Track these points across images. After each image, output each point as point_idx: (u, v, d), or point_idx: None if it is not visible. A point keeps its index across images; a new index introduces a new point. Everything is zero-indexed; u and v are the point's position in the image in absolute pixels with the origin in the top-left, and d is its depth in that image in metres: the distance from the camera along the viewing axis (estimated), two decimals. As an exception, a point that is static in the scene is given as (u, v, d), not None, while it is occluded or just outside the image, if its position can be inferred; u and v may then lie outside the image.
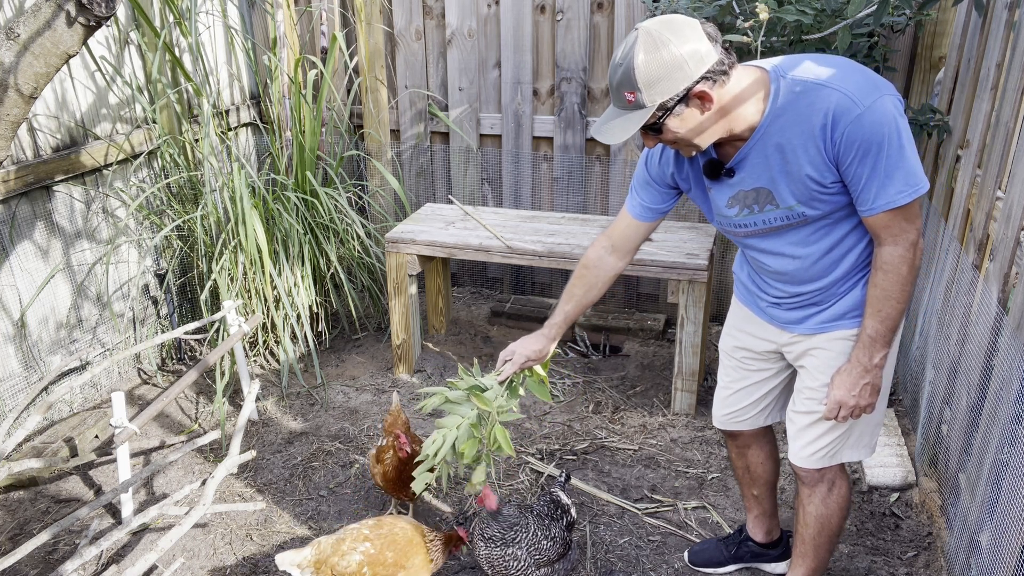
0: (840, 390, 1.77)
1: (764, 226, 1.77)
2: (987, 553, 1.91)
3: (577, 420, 3.16)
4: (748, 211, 1.76)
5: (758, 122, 1.64)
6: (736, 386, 2.13)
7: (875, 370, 1.74)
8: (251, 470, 2.90)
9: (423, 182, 4.20)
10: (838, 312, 1.82)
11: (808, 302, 1.84)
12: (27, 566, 2.45)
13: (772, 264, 1.83)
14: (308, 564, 2.02)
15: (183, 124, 3.48)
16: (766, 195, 1.71)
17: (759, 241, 1.82)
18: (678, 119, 1.60)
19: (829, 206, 1.67)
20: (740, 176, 1.73)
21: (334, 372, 3.58)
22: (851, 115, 1.54)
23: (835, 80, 1.57)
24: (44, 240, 3.06)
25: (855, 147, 1.55)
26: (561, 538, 2.15)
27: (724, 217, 1.82)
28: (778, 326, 1.94)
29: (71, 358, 3.18)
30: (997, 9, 2.32)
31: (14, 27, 1.96)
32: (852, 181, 1.61)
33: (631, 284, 3.98)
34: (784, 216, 1.72)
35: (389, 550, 2.07)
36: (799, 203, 1.68)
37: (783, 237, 1.77)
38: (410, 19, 3.89)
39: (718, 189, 1.79)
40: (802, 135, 1.60)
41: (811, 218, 1.70)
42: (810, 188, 1.64)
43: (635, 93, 1.57)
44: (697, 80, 1.56)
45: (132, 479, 2.43)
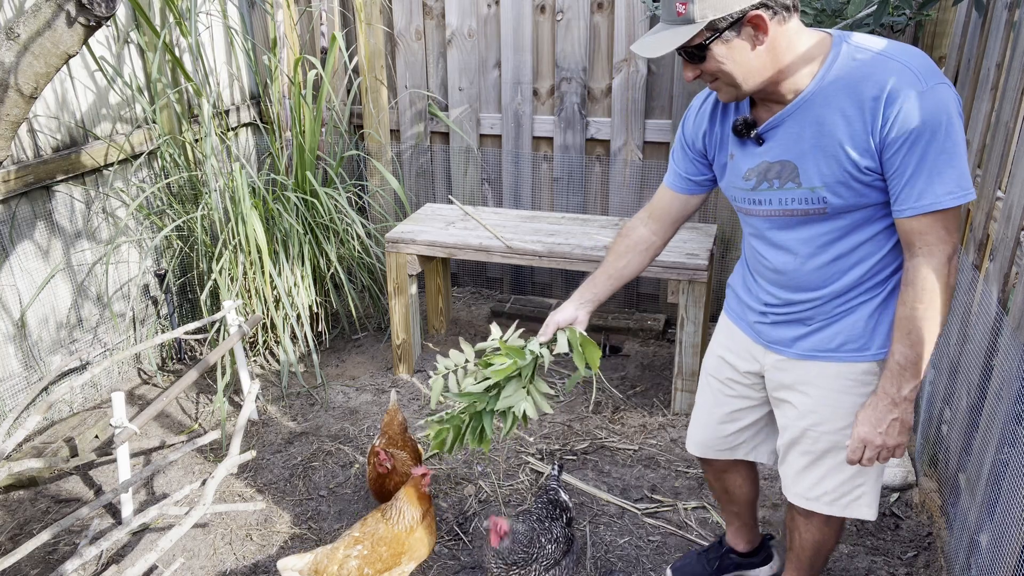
0: (865, 426, 1.56)
1: (780, 207, 1.60)
2: (987, 553, 1.91)
3: (577, 420, 3.17)
4: (768, 185, 1.59)
5: (805, 86, 1.48)
6: (716, 412, 1.97)
7: (904, 404, 1.53)
8: (251, 470, 2.90)
9: (423, 182, 4.20)
10: (832, 340, 1.66)
11: (798, 317, 1.69)
12: (27, 566, 2.45)
13: (772, 259, 1.68)
14: (308, 571, 2.03)
15: (183, 124, 3.48)
16: (791, 170, 1.54)
17: (769, 227, 1.65)
18: (726, 46, 1.43)
19: (855, 198, 1.50)
20: (768, 145, 1.57)
21: (334, 372, 3.58)
22: (912, 91, 1.38)
23: (900, 54, 1.42)
24: (44, 240, 3.06)
25: (909, 130, 1.39)
26: (564, 537, 2.15)
27: (740, 190, 1.66)
28: (764, 344, 1.79)
29: (71, 358, 3.19)
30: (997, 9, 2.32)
31: (14, 27, 1.96)
32: (896, 172, 1.43)
33: (631, 284, 3.98)
34: (803, 198, 1.55)
35: (381, 545, 2.09)
36: (824, 186, 1.51)
37: (794, 230, 1.61)
38: (410, 19, 3.89)
39: (742, 154, 1.62)
40: (851, 105, 1.43)
41: (831, 209, 1.53)
42: (843, 169, 1.47)
43: (687, 4, 1.41)
44: (756, 4, 1.40)
45: (132, 479, 2.43)
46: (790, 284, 1.68)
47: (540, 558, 2.08)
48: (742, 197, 1.67)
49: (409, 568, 2.15)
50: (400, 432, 2.56)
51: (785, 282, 1.68)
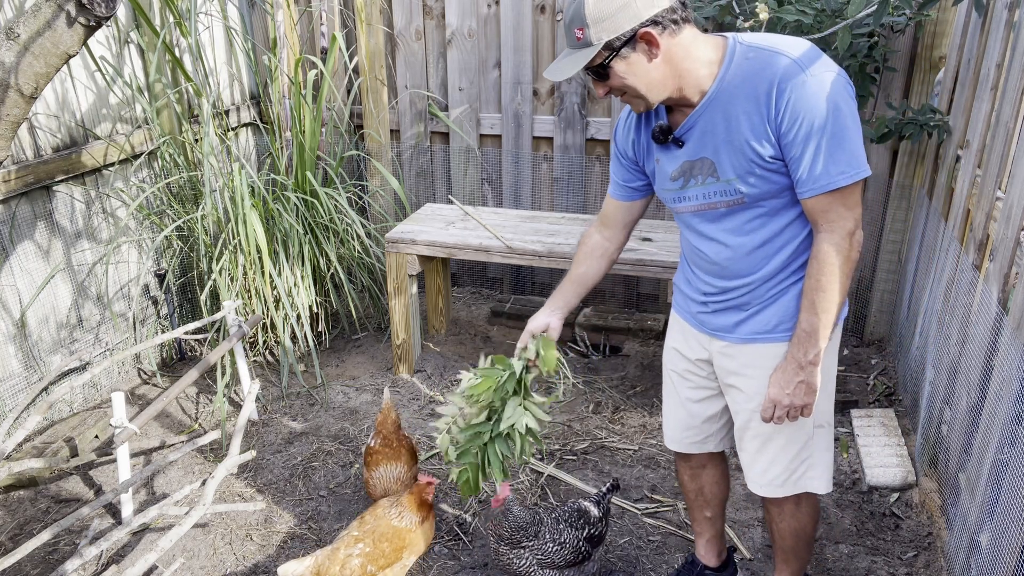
0: (774, 388, 1.71)
1: (704, 200, 1.71)
2: (987, 553, 1.91)
3: (577, 420, 3.16)
4: (693, 182, 1.70)
5: (709, 87, 1.60)
6: (681, 406, 2.04)
7: (809, 367, 1.66)
8: (251, 470, 2.90)
9: (423, 182, 4.20)
10: (769, 322, 1.76)
11: (734, 303, 1.78)
12: (28, 566, 2.45)
13: (706, 251, 1.78)
14: (309, 575, 2.03)
15: (183, 124, 3.48)
16: (709, 166, 1.66)
17: (699, 221, 1.76)
18: (624, 62, 1.56)
19: (766, 184, 1.61)
20: (688, 147, 1.68)
21: (334, 372, 3.58)
22: (798, 81, 1.50)
23: (786, 47, 1.55)
24: (44, 240, 3.06)
25: (800, 117, 1.51)
26: (573, 545, 2.13)
27: (668, 190, 1.78)
28: (708, 333, 1.87)
29: (71, 358, 3.19)
30: (997, 9, 2.32)
31: (14, 27, 1.96)
32: (794, 157, 1.55)
33: (631, 284, 3.98)
34: (723, 191, 1.66)
35: (383, 541, 2.10)
36: (737, 177, 1.62)
37: (720, 221, 1.72)
38: (410, 19, 3.89)
39: (666, 158, 1.74)
40: (747, 101, 1.56)
41: (748, 198, 1.64)
42: (748, 159, 1.59)
43: (584, 29, 1.54)
44: (645, 22, 1.52)
45: (132, 479, 2.43)
46: (724, 272, 1.77)
47: (534, 549, 2.09)
48: (671, 197, 1.79)
49: (410, 562, 2.16)
50: (394, 430, 2.56)
51: (719, 271, 1.78)
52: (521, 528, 2.10)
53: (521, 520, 2.11)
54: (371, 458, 2.51)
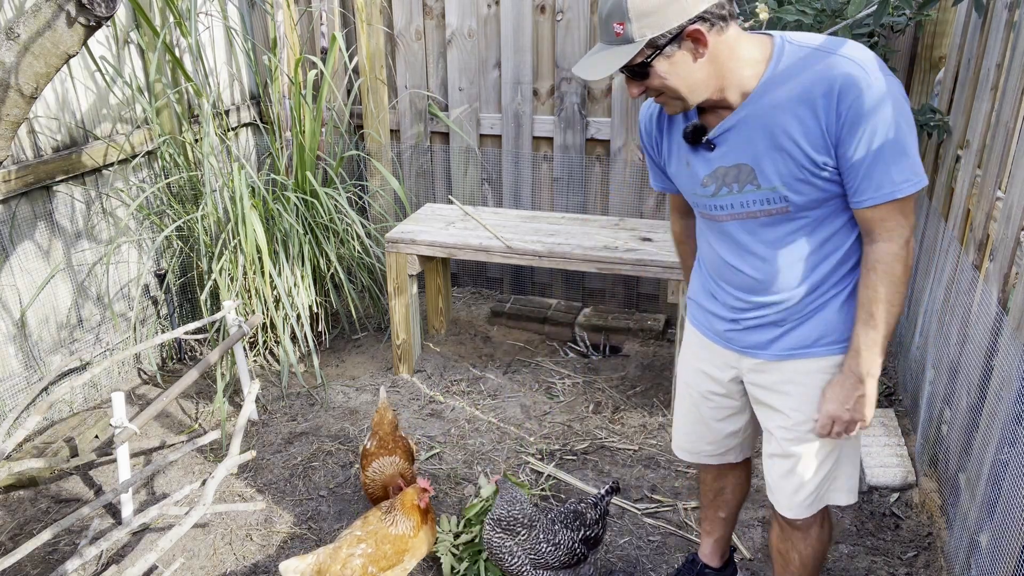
0: (833, 404, 1.61)
1: (742, 209, 1.60)
2: (987, 553, 1.91)
3: (577, 420, 3.17)
4: (727, 190, 1.59)
5: (752, 88, 1.49)
6: (701, 423, 1.95)
7: (869, 380, 1.58)
8: (251, 470, 2.90)
9: (423, 182, 4.20)
10: (809, 336, 1.66)
11: (770, 319, 1.68)
12: (28, 566, 2.45)
13: (739, 263, 1.66)
14: (311, 573, 2.03)
15: (183, 124, 3.48)
16: (747, 173, 1.55)
17: (735, 229, 1.64)
18: (668, 62, 1.44)
19: (815, 193, 1.52)
20: (721, 151, 1.57)
21: (334, 372, 3.58)
22: (862, 86, 1.40)
23: (846, 50, 1.44)
24: (44, 240, 3.06)
25: (862, 122, 1.41)
26: (567, 547, 2.12)
27: (700, 197, 1.66)
28: (737, 350, 1.76)
29: (71, 358, 3.19)
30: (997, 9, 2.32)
31: (14, 27, 1.96)
32: (852, 165, 1.46)
33: (631, 284, 3.98)
34: (764, 199, 1.56)
35: (385, 543, 2.10)
36: (783, 184, 1.52)
37: (759, 232, 1.61)
38: (410, 19, 3.89)
39: (697, 162, 1.62)
40: (801, 104, 1.45)
41: (793, 207, 1.54)
42: (800, 166, 1.49)
43: (624, 24, 1.41)
44: (694, 18, 1.40)
45: (132, 479, 2.43)
46: (759, 287, 1.66)
47: (526, 545, 2.10)
48: (704, 203, 1.67)
49: (411, 565, 2.15)
50: (391, 431, 2.55)
51: (753, 286, 1.67)
52: (516, 512, 2.11)
53: (517, 503, 2.12)
54: (367, 460, 2.51)
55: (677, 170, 1.70)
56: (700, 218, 1.75)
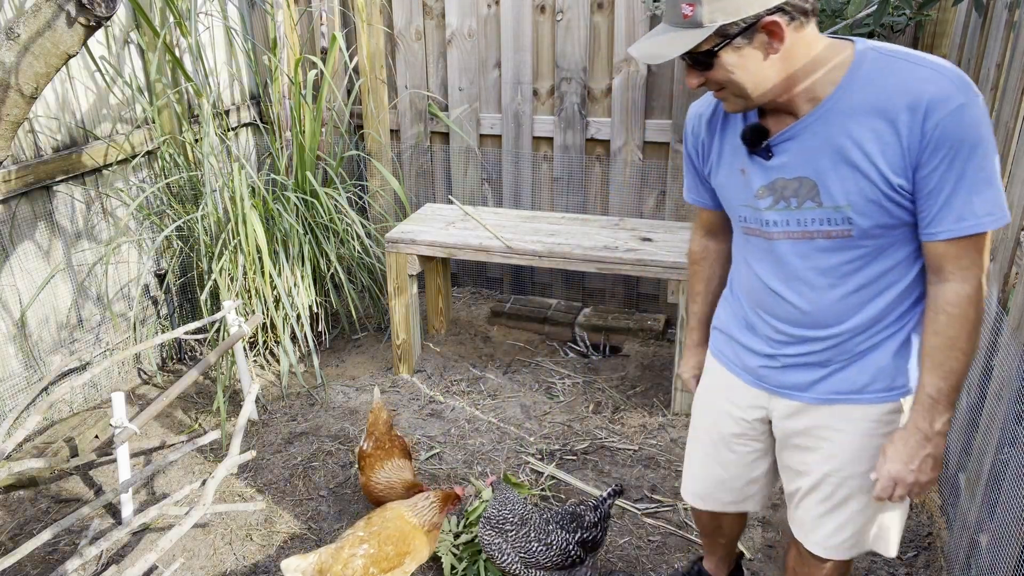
0: (896, 463, 1.42)
1: (798, 227, 1.43)
2: (987, 553, 1.91)
3: (577, 420, 3.17)
4: (784, 204, 1.43)
5: (826, 95, 1.34)
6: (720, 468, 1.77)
7: (937, 438, 1.40)
8: (251, 470, 2.90)
9: (423, 182, 4.20)
10: (857, 380, 1.49)
11: (814, 358, 1.52)
12: (27, 566, 2.45)
13: (783, 290, 1.50)
14: (312, 571, 2.03)
15: (183, 124, 3.48)
16: (809, 188, 1.39)
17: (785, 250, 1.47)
18: (736, 54, 1.30)
19: (883, 218, 1.35)
20: (782, 160, 1.41)
21: (334, 372, 3.58)
22: (952, 104, 1.25)
23: (932, 63, 1.29)
24: (44, 240, 3.06)
25: (948, 145, 1.26)
26: (561, 548, 2.11)
27: (751, 208, 1.49)
28: (770, 390, 1.60)
29: (71, 358, 3.19)
30: (997, 9, 2.32)
31: (14, 27, 1.96)
32: (932, 191, 1.29)
33: (631, 284, 3.98)
34: (825, 219, 1.39)
35: (388, 544, 2.10)
36: (850, 205, 1.36)
37: (813, 256, 1.44)
38: (410, 19, 3.89)
39: (754, 169, 1.45)
40: (878, 117, 1.29)
41: (857, 232, 1.38)
42: (873, 186, 1.33)
43: (695, 5, 1.28)
44: (772, 8, 1.27)
45: (132, 479, 2.43)
46: (805, 319, 1.50)
47: (513, 540, 2.10)
48: (753, 217, 1.50)
49: (411, 568, 2.15)
50: (386, 431, 2.56)
51: (799, 317, 1.50)
52: (507, 511, 2.12)
53: (508, 503, 2.13)
54: (365, 461, 2.50)
55: (727, 179, 1.53)
56: (742, 236, 1.58)
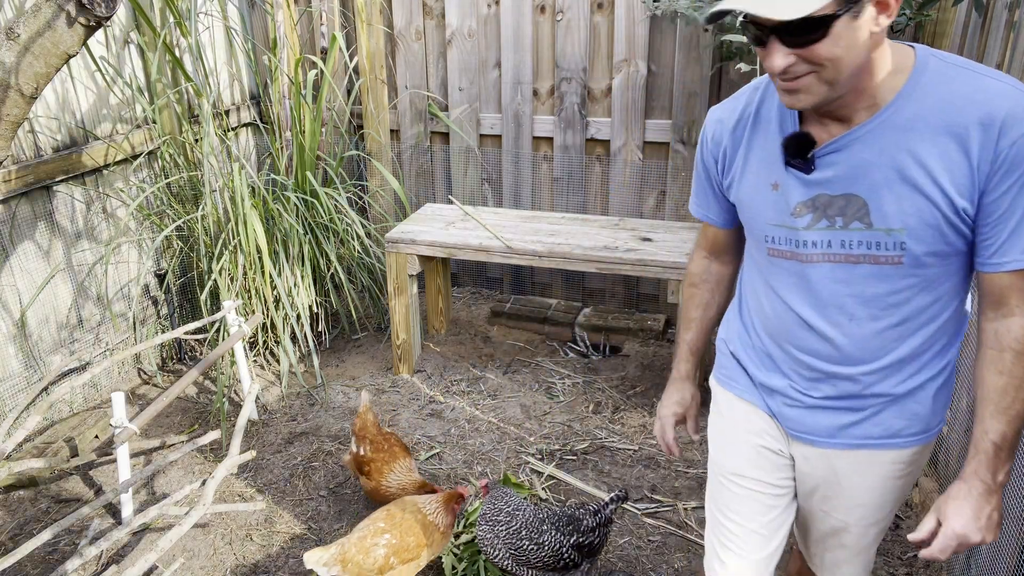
0: (960, 520, 1.24)
1: (841, 250, 1.27)
2: (987, 553, 1.91)
3: (577, 420, 3.17)
4: (827, 223, 1.27)
5: (885, 103, 1.19)
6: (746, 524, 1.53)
7: (999, 490, 1.25)
8: (251, 470, 2.90)
9: (423, 182, 4.20)
10: (892, 425, 1.36)
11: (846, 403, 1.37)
12: (28, 566, 2.45)
13: (816, 322, 1.33)
14: (334, 561, 2.08)
15: (183, 124, 3.48)
16: (858, 207, 1.23)
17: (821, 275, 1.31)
18: (850, 28, 1.10)
19: (940, 245, 1.21)
20: (827, 174, 1.25)
21: (334, 372, 3.58)
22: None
23: (999, 75, 1.17)
24: (44, 240, 3.06)
25: (1023, 166, 1.13)
26: (553, 549, 2.10)
27: (785, 228, 1.31)
28: (792, 434, 1.45)
29: (71, 358, 3.19)
30: (997, 9, 2.32)
31: (14, 27, 1.96)
32: (999, 217, 1.16)
33: (631, 284, 3.98)
34: (874, 243, 1.24)
35: (409, 535, 2.15)
36: (905, 228, 1.21)
37: (853, 283, 1.28)
38: (410, 19, 3.89)
39: (791, 183, 1.29)
40: (946, 132, 1.16)
41: (909, 259, 1.23)
42: (934, 210, 1.18)
43: None
44: None
45: (132, 479, 2.43)
46: (838, 354, 1.34)
47: (503, 535, 2.11)
48: (786, 237, 1.32)
49: (423, 562, 2.19)
50: (378, 432, 2.56)
51: (831, 352, 1.35)
52: (501, 504, 2.13)
53: (503, 498, 2.14)
54: (371, 466, 2.49)
55: (754, 194, 1.35)
56: (765, 259, 1.39)
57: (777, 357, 1.43)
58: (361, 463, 2.52)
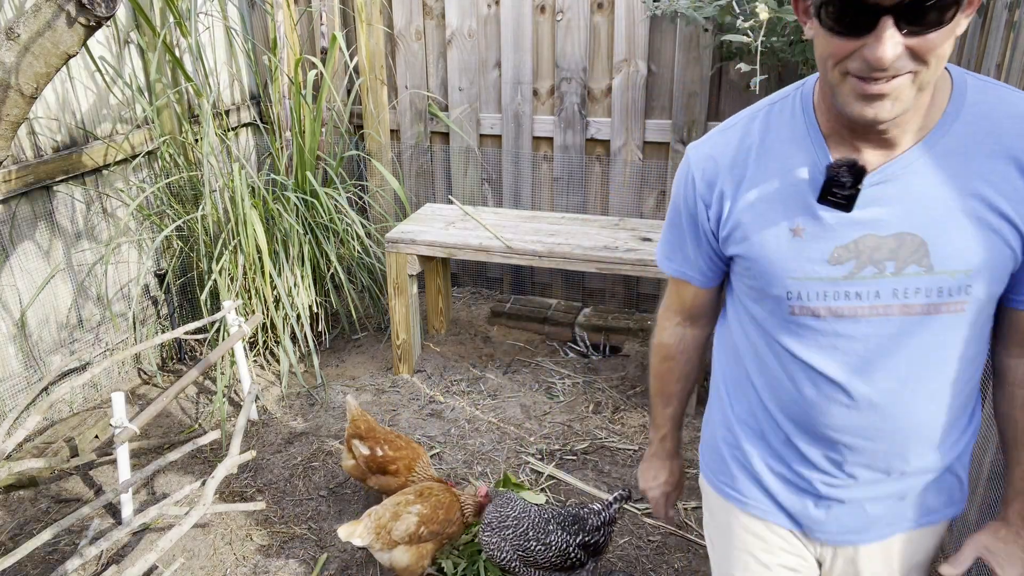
0: (1014, 570, 1.14)
1: (893, 300, 1.07)
2: (987, 553, 1.90)
3: (577, 420, 3.17)
4: (875, 271, 1.06)
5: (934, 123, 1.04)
6: None
7: None
8: (251, 470, 2.90)
9: (423, 182, 4.20)
10: (932, 503, 1.20)
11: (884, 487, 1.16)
12: (28, 566, 2.45)
13: (857, 388, 1.10)
14: (369, 532, 2.17)
15: (183, 124, 3.48)
16: (914, 248, 1.04)
17: (872, 331, 1.09)
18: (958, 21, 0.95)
19: (1000, 285, 1.07)
20: (874, 211, 1.05)
21: (334, 372, 3.58)
22: None
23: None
24: (44, 240, 3.06)
25: None
26: (560, 548, 2.11)
27: (817, 281, 1.09)
28: (819, 538, 1.23)
29: (71, 358, 3.19)
30: (997, 9, 2.32)
31: (14, 27, 1.96)
32: None
33: (631, 284, 3.98)
34: (935, 289, 1.05)
35: (440, 509, 2.25)
36: (970, 270, 1.04)
37: (902, 340, 1.08)
38: (410, 19, 3.89)
39: (821, 226, 1.08)
40: (1003, 156, 1.02)
41: (973, 304, 1.07)
42: (1003, 245, 1.03)
43: None
44: None
45: (132, 479, 2.43)
46: (883, 427, 1.12)
47: (510, 538, 2.11)
48: (819, 291, 1.10)
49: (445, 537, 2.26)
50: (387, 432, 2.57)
51: (877, 425, 1.12)
52: (507, 510, 2.14)
53: (508, 503, 2.15)
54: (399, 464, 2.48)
55: (770, 242, 1.12)
56: (782, 320, 1.15)
57: (802, 443, 1.17)
58: (383, 463, 2.49)
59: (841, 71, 0.97)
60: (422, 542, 2.20)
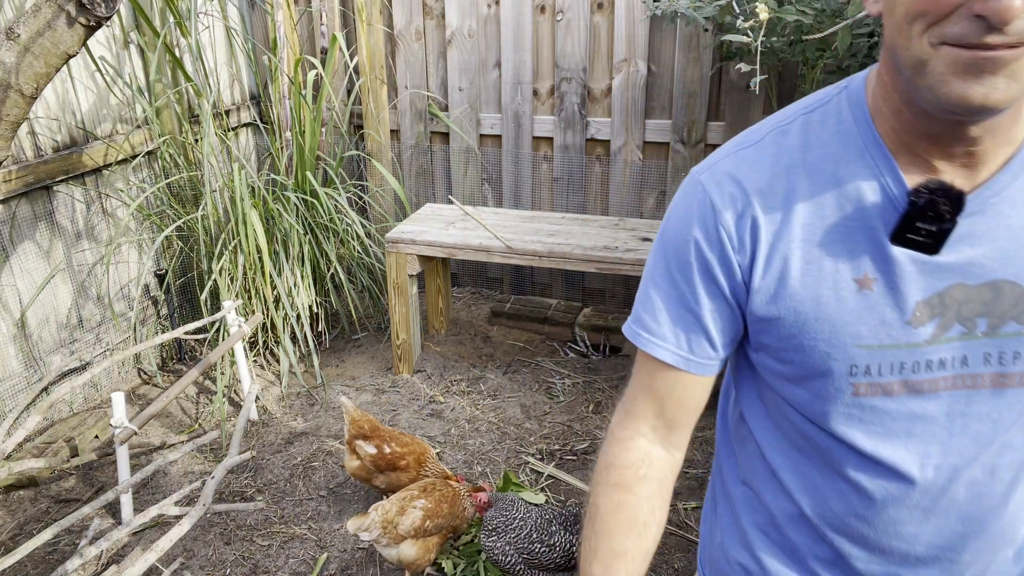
0: None
1: (987, 369, 0.82)
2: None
3: (577, 420, 3.17)
4: (962, 331, 0.81)
5: (1019, 140, 0.79)
6: None
7: None
8: (251, 470, 2.90)
9: (423, 182, 4.20)
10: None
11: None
12: (28, 566, 2.45)
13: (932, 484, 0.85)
14: (376, 526, 2.20)
15: (183, 124, 3.49)
16: (1014, 300, 0.81)
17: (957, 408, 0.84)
18: None
19: None
20: (964, 253, 0.80)
21: (334, 372, 3.58)
22: None
23: None
24: (45, 240, 3.06)
25: None
26: (563, 549, 2.12)
27: (896, 348, 0.83)
28: None
29: (71, 358, 3.19)
30: (997, 9, 2.31)
31: (14, 27, 1.96)
32: None
33: (631, 284, 3.98)
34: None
35: (444, 503, 2.28)
36: None
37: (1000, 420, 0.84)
38: (410, 19, 3.89)
39: (904, 273, 0.81)
40: None
41: None
42: None
43: None
44: None
45: (132, 479, 2.43)
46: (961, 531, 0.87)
47: (514, 541, 2.11)
48: (894, 363, 0.83)
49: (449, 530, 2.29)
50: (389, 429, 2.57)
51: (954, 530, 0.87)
52: (509, 515, 2.14)
53: (510, 507, 2.15)
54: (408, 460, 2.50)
55: (827, 300, 0.83)
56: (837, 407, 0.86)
57: (859, 562, 0.90)
58: (393, 460, 2.50)
59: (934, 39, 0.70)
60: (428, 536, 2.24)
